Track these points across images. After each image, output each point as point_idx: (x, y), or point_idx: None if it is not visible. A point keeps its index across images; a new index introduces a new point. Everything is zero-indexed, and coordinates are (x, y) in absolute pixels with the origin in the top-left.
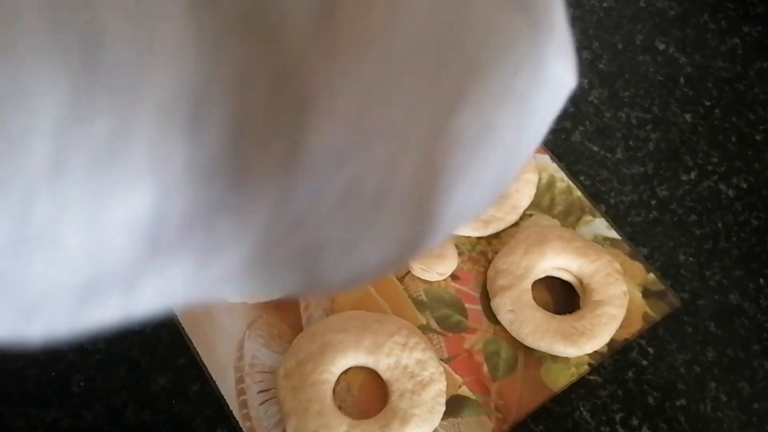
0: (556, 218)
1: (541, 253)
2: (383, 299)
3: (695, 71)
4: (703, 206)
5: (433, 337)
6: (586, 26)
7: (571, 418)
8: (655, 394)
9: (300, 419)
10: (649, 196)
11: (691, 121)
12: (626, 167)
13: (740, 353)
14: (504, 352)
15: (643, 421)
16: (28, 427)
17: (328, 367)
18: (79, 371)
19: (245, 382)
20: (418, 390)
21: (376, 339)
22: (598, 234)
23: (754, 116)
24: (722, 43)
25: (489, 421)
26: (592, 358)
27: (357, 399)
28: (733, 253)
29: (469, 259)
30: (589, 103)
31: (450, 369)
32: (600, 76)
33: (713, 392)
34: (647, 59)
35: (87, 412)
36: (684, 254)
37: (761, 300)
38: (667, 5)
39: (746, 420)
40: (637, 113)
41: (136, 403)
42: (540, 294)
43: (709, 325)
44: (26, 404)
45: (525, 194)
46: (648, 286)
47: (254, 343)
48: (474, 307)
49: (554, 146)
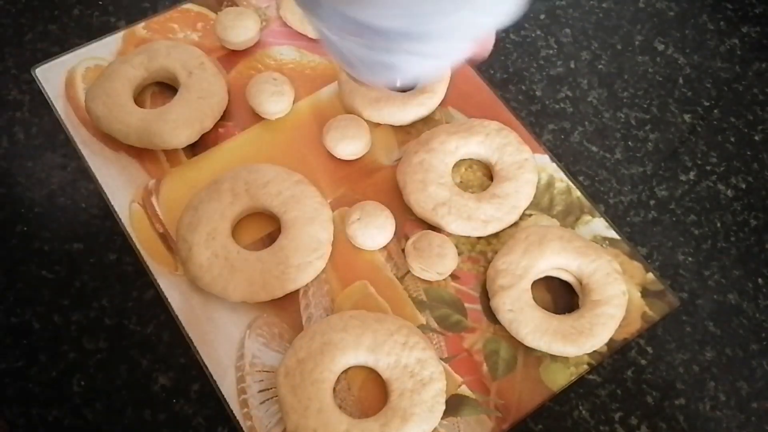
0: (555, 218)
1: (541, 252)
2: (383, 299)
3: (694, 72)
4: (702, 206)
5: (432, 337)
6: (585, 27)
7: (570, 417)
8: (654, 393)
9: (300, 418)
10: (648, 196)
11: (690, 122)
12: (625, 167)
13: (739, 353)
14: (503, 351)
15: (642, 421)
16: (29, 426)
17: (329, 366)
18: (79, 371)
19: (246, 382)
20: (418, 389)
21: (376, 338)
22: (597, 234)
23: (753, 116)
24: (721, 44)
25: (488, 420)
26: (592, 357)
27: (357, 398)
28: (731, 253)
29: (468, 259)
30: (588, 104)
31: (450, 368)
32: (599, 76)
33: (712, 391)
34: (646, 60)
35: (87, 412)
36: (683, 254)
37: (760, 300)
38: (666, 6)
39: (745, 419)
40: (636, 113)
41: (136, 402)
42: (539, 294)
43: (708, 325)
44: (26, 404)
45: (524, 194)
46: (647, 285)
47: (255, 343)
48: (474, 306)
49: (553, 146)
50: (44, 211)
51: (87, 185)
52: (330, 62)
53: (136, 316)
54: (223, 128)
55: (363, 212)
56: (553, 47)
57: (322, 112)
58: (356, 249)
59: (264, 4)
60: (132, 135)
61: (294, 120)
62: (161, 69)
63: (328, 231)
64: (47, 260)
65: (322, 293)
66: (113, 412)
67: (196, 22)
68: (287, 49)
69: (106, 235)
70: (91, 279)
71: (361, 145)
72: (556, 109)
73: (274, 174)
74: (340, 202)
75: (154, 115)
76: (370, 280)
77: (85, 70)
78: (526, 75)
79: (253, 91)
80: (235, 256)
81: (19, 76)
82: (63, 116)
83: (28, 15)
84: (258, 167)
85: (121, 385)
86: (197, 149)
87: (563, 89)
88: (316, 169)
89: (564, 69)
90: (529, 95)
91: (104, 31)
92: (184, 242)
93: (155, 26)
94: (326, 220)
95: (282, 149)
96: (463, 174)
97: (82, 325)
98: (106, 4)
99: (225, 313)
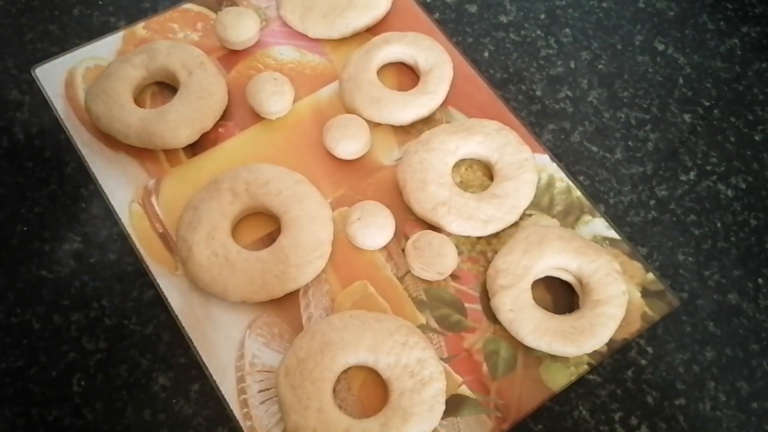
0: (555, 218)
1: (541, 252)
2: (383, 299)
3: (694, 72)
4: (702, 206)
5: (432, 337)
6: (585, 26)
7: (570, 417)
8: (654, 393)
9: (300, 418)
10: (648, 196)
11: (690, 122)
12: (625, 167)
13: (739, 353)
14: (503, 351)
15: (642, 421)
16: (29, 426)
17: (329, 366)
18: (79, 371)
19: (246, 382)
20: (418, 389)
21: (376, 338)
22: (597, 234)
23: (753, 116)
24: (721, 44)
25: (488, 420)
26: (592, 357)
27: (357, 398)
28: (731, 252)
29: (468, 259)
30: (588, 104)
31: (450, 368)
32: (599, 76)
33: (712, 391)
34: (646, 60)
35: (87, 412)
36: (683, 254)
37: (760, 300)
38: (666, 6)
39: (745, 419)
40: (636, 113)
41: (136, 402)
42: (539, 293)
43: (708, 325)
44: (26, 404)
45: (524, 194)
46: (647, 285)
47: (255, 343)
48: (474, 306)
49: (554, 146)
50: (44, 210)
51: (87, 185)
52: (330, 62)
53: (136, 316)
54: (223, 128)
55: (363, 212)
56: (553, 47)
57: (322, 112)
58: (356, 249)
59: (264, 4)
60: (132, 135)
61: (294, 120)
62: (161, 69)
63: (328, 231)
64: (47, 260)
65: (322, 293)
66: (113, 412)
67: (196, 22)
68: (287, 49)
69: (106, 235)
70: (91, 279)
71: (361, 145)
72: (556, 109)
73: (274, 174)
74: (340, 202)
75: (154, 115)
76: (370, 280)
77: (85, 70)
78: (526, 75)
79: (253, 90)
80: (235, 256)
81: (19, 76)
82: (63, 116)
83: (28, 15)
84: (258, 167)
85: (121, 385)
86: (197, 149)
87: (563, 89)
88: (316, 169)
89: (564, 69)
90: (529, 95)
91: (104, 31)
92: (184, 242)
93: (155, 26)
94: (326, 219)
95: (282, 149)
96: (463, 174)
97: (82, 325)
98: (106, 4)
99: (225, 313)
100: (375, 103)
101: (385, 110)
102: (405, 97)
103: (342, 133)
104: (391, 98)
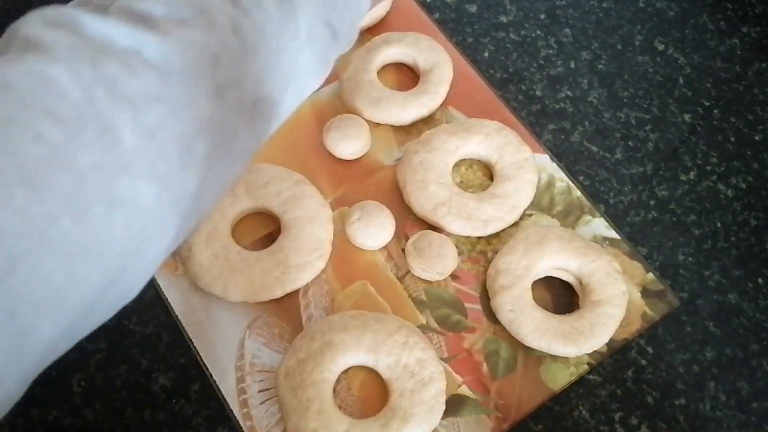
0: (555, 218)
1: (541, 252)
2: (383, 299)
3: (694, 72)
4: (702, 206)
5: (432, 337)
6: (585, 26)
7: (570, 417)
8: (654, 393)
9: (300, 418)
10: (648, 196)
11: (690, 122)
12: (625, 167)
13: (739, 353)
14: (503, 351)
15: (642, 421)
16: (29, 426)
17: (329, 366)
18: (79, 371)
19: (246, 382)
20: (418, 389)
21: (376, 338)
22: (597, 234)
23: (753, 116)
24: (721, 44)
25: (488, 420)
26: (592, 357)
27: (357, 398)
28: (732, 252)
29: (468, 259)
30: (588, 104)
31: (450, 368)
32: (599, 76)
33: (712, 392)
34: (646, 60)
35: (87, 412)
36: (683, 254)
37: (760, 300)
38: (666, 6)
39: (745, 419)
40: (636, 113)
41: (136, 403)
42: (540, 294)
43: (708, 325)
44: (26, 404)
45: (524, 194)
46: (647, 285)
47: (255, 343)
48: (474, 306)
49: (554, 146)
50: None
51: None
52: None
53: (136, 316)
54: None
55: (363, 212)
56: (553, 47)
57: (322, 112)
58: (356, 249)
59: None
60: None
61: (294, 120)
62: None
63: (328, 231)
64: None
65: (322, 293)
66: (113, 412)
67: None
68: None
69: None
70: None
71: (361, 145)
72: (556, 109)
73: (274, 174)
74: (340, 202)
75: None
76: (370, 280)
77: None
78: (526, 75)
79: None
80: (235, 256)
81: None
82: None
83: None
84: (258, 167)
85: (121, 385)
86: None
87: (563, 89)
88: (316, 169)
89: (564, 69)
90: (529, 95)
91: None
92: (184, 242)
93: None
94: (326, 219)
95: (282, 149)
96: (463, 174)
97: None
98: None
99: (225, 313)
100: (375, 103)
101: (385, 110)
102: (405, 97)
103: (342, 133)
104: (391, 98)
